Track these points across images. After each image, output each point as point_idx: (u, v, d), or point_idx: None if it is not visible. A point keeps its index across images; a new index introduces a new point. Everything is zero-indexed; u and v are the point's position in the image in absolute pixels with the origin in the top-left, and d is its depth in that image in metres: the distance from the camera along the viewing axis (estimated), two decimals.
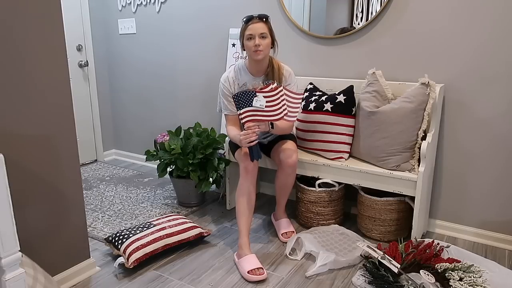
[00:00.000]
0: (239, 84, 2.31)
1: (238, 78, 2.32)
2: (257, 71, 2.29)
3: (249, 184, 2.17)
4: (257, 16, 2.19)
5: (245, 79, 2.30)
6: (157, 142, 2.93)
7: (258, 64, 2.26)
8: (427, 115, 2.19)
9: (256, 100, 2.07)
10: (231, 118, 2.35)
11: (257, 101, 2.07)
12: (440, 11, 2.28)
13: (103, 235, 2.45)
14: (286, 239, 2.39)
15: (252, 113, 2.10)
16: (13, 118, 1.66)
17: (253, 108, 2.08)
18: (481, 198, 2.36)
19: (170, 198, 3.05)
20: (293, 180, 2.35)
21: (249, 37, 2.16)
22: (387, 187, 2.23)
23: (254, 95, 2.07)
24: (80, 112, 3.72)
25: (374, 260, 1.92)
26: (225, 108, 2.36)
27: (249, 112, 2.10)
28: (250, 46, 2.17)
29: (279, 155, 2.30)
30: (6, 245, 1.30)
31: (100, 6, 3.71)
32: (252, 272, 2.01)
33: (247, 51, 2.23)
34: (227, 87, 2.31)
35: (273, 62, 2.30)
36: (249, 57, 2.26)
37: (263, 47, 2.16)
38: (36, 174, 1.78)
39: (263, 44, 2.15)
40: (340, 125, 2.40)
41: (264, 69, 2.29)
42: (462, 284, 1.77)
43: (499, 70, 2.19)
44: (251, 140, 2.09)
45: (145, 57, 3.59)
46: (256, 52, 2.16)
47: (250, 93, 2.07)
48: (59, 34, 1.79)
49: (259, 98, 2.07)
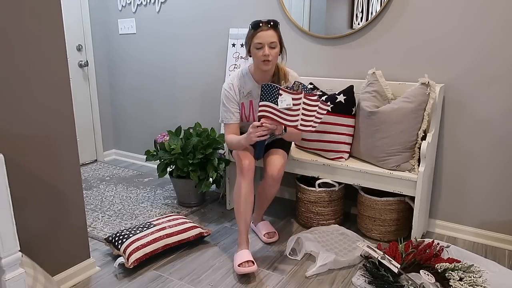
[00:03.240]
0: (244, 92, 2.22)
1: (243, 86, 2.22)
2: (263, 79, 2.18)
3: (246, 184, 2.12)
4: (267, 22, 2.04)
5: (249, 87, 2.21)
6: (157, 142, 2.93)
7: (264, 73, 2.16)
8: (427, 115, 2.19)
9: (282, 99, 1.92)
10: (232, 128, 2.23)
11: (283, 101, 1.92)
12: (440, 11, 2.28)
13: (103, 235, 2.45)
14: (269, 239, 2.38)
15: (271, 111, 1.96)
16: (13, 118, 1.66)
17: (275, 106, 1.94)
18: (481, 198, 2.36)
19: (170, 198, 3.05)
20: (276, 191, 2.29)
21: (258, 46, 2.04)
22: (387, 187, 2.23)
23: (279, 93, 1.92)
24: (80, 112, 3.72)
25: (374, 260, 1.92)
26: (229, 117, 2.23)
27: (269, 108, 1.96)
28: (259, 56, 2.05)
29: (266, 164, 2.24)
30: (6, 245, 1.30)
31: (100, 6, 3.71)
32: (242, 265, 2.01)
33: (254, 59, 2.12)
34: (232, 95, 2.20)
35: (279, 68, 2.20)
36: (255, 65, 2.16)
37: (272, 57, 2.05)
38: (36, 174, 1.78)
39: (273, 54, 2.04)
40: (340, 125, 2.40)
41: (270, 77, 2.19)
42: (462, 284, 1.77)
43: (499, 70, 2.19)
44: (262, 134, 1.98)
45: (145, 57, 3.59)
46: (265, 62, 2.06)
47: (275, 89, 1.93)
48: (59, 34, 1.79)
49: (285, 98, 1.92)
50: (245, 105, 2.25)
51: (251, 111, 2.26)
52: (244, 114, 2.27)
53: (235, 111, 2.23)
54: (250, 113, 2.26)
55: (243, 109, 2.26)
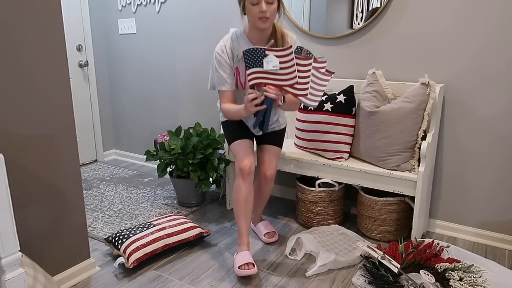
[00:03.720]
0: (238, 56, 2.02)
1: (236, 48, 2.02)
2: (259, 40, 2.00)
3: (246, 186, 2.06)
4: None
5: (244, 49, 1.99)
6: (157, 142, 2.93)
7: (261, 33, 1.98)
8: (427, 115, 2.19)
9: (267, 61, 1.76)
10: (228, 95, 2.04)
11: (269, 62, 1.76)
12: (440, 11, 2.28)
13: (103, 235, 2.45)
14: (269, 239, 2.37)
15: (262, 75, 1.80)
16: (13, 118, 1.66)
17: (263, 69, 1.78)
18: (481, 198, 2.36)
19: (170, 198, 3.04)
20: (271, 189, 2.27)
21: (254, 1, 1.85)
22: (387, 187, 2.23)
23: (264, 54, 1.76)
24: (80, 112, 3.72)
25: (374, 260, 1.91)
26: (222, 82, 2.03)
27: (258, 74, 1.80)
28: (255, 13, 1.87)
29: (259, 162, 2.19)
30: (6, 245, 1.30)
31: (100, 6, 3.71)
32: (242, 267, 1.99)
33: (249, 17, 1.93)
34: (225, 58, 2.01)
35: (276, 29, 2.00)
36: (251, 24, 1.97)
37: (270, 14, 1.87)
38: (36, 174, 1.78)
39: (270, 10, 1.86)
40: (340, 125, 2.40)
41: (267, 38, 2.00)
42: (462, 284, 1.77)
43: (499, 70, 2.19)
44: (258, 102, 1.81)
45: (145, 57, 3.59)
46: (262, 19, 1.87)
47: (260, 52, 1.76)
48: (59, 34, 1.79)
49: (271, 58, 1.75)
50: (240, 70, 2.06)
51: (243, 78, 2.08)
52: (239, 80, 2.08)
53: (228, 77, 2.03)
54: (247, 79, 2.01)
55: (237, 74, 2.07)
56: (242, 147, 2.13)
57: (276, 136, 2.26)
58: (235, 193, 2.11)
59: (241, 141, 2.16)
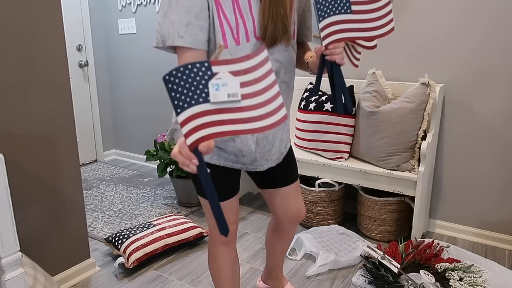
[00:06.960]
0: None
1: None
2: None
3: (231, 251, 1.50)
4: None
5: None
6: (157, 142, 2.93)
7: None
8: (427, 115, 2.19)
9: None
10: (192, 56, 1.12)
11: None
12: (440, 11, 2.28)
13: (103, 235, 2.45)
14: None
15: (342, 27, 1.16)
16: (13, 118, 1.67)
17: (348, 17, 1.15)
18: (481, 198, 2.36)
19: (170, 198, 3.05)
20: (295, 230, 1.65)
21: None
22: (387, 187, 2.23)
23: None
24: (80, 112, 3.73)
25: (374, 260, 1.92)
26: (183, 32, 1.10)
27: (337, 25, 1.16)
28: None
29: (280, 209, 1.51)
30: (6, 245, 1.30)
31: (100, 6, 3.71)
32: None
33: None
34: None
35: None
36: None
37: None
38: (36, 174, 1.78)
39: None
40: (340, 125, 2.40)
41: None
42: (462, 284, 1.77)
43: (499, 70, 2.19)
44: (191, 164, 0.81)
45: (145, 57, 3.59)
46: None
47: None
48: (59, 34, 1.79)
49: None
50: (225, 7, 1.15)
51: (242, 17, 1.16)
52: (223, 27, 1.15)
53: (201, 24, 1.12)
54: (239, 21, 1.16)
55: (219, 17, 1.14)
56: (225, 209, 1.37)
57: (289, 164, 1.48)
58: (215, 264, 1.50)
59: (226, 202, 1.38)
